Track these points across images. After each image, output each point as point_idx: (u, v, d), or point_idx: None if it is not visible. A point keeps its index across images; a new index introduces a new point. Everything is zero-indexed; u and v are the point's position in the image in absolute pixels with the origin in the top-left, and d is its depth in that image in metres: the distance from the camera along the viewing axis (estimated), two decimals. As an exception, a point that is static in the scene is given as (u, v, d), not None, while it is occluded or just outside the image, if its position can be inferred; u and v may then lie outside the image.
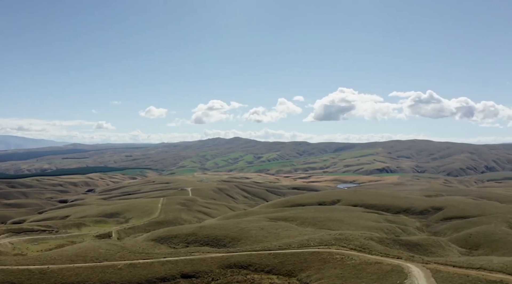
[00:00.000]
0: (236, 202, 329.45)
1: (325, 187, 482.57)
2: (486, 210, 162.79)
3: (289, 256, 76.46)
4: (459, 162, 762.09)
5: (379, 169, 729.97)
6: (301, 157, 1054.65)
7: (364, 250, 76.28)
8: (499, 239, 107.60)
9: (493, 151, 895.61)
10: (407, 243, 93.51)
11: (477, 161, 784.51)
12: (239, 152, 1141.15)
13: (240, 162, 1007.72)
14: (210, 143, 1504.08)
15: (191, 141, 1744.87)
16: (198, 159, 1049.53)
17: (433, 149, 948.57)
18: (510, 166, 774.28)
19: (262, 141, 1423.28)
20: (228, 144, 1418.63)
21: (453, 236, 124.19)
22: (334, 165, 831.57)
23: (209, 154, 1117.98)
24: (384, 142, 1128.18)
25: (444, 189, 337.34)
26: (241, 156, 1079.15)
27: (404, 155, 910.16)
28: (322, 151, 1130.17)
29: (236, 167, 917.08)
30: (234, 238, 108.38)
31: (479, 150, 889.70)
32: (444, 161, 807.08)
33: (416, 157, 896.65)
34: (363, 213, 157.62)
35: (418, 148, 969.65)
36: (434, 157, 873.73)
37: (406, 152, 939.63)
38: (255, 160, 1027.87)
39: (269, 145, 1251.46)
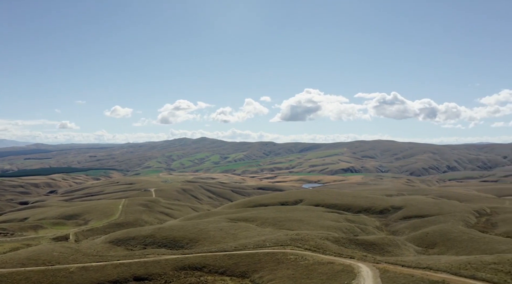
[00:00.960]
0: (200, 202, 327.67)
1: (290, 187, 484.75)
2: (444, 209, 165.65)
3: (244, 257, 75.86)
4: (421, 161, 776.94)
5: (344, 168, 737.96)
6: (267, 157, 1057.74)
7: (318, 250, 76.25)
8: (454, 237, 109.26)
9: (454, 151, 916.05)
10: (363, 242, 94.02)
11: (439, 160, 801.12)
12: (205, 152, 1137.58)
13: (207, 162, 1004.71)
14: (176, 143, 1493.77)
15: (157, 141, 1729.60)
16: (164, 159, 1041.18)
17: (396, 149, 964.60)
18: (471, 165, 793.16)
19: (229, 141, 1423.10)
20: (195, 144, 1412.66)
21: (410, 235, 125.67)
22: (300, 165, 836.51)
23: (175, 154, 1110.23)
24: (349, 142, 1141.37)
25: (406, 188, 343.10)
26: (207, 156, 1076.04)
27: (368, 155, 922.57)
28: (288, 151, 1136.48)
29: (202, 167, 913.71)
30: (192, 239, 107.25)
31: (441, 150, 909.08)
32: (407, 160, 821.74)
33: (380, 157, 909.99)
34: (324, 213, 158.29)
35: (382, 148, 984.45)
36: (398, 157, 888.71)
37: (370, 152, 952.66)
38: (221, 160, 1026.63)
39: (236, 145, 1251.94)
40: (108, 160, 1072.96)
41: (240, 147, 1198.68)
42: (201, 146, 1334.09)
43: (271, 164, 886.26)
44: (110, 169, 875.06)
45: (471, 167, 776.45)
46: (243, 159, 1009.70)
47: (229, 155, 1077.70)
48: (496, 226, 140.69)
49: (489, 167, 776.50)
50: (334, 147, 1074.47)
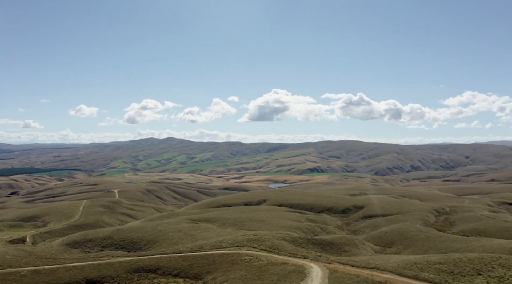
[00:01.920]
0: (165, 203, 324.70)
1: (256, 187, 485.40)
2: (404, 208, 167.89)
3: (199, 258, 75.01)
4: (386, 161, 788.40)
5: (310, 168, 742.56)
6: (235, 157, 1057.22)
7: (274, 250, 76.00)
8: (411, 236, 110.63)
9: (418, 151, 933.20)
10: (321, 242, 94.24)
11: (403, 160, 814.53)
12: (172, 152, 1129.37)
13: (173, 162, 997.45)
14: (143, 143, 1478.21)
15: (123, 141, 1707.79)
16: (129, 159, 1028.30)
17: (362, 149, 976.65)
18: (434, 165, 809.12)
19: (197, 141, 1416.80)
20: (162, 144, 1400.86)
21: (370, 234, 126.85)
22: (267, 165, 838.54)
23: (142, 155, 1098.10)
24: (316, 142, 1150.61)
25: (370, 188, 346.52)
26: (174, 157, 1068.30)
27: (334, 155, 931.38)
28: (255, 151, 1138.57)
29: (169, 168, 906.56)
30: (150, 241, 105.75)
31: (406, 150, 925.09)
32: (373, 160, 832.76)
33: (346, 157, 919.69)
34: (286, 213, 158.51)
35: (348, 148, 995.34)
36: (363, 156, 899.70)
37: (336, 152, 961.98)
38: (188, 160, 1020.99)
39: (203, 145, 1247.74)
40: (73, 160, 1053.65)
41: (208, 147, 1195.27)
42: (168, 146, 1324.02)
43: (238, 164, 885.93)
44: (74, 169, 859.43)
45: (434, 167, 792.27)
46: (211, 159, 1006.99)
47: (196, 155, 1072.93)
48: (454, 224, 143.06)
49: (451, 167, 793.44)
50: (301, 147, 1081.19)
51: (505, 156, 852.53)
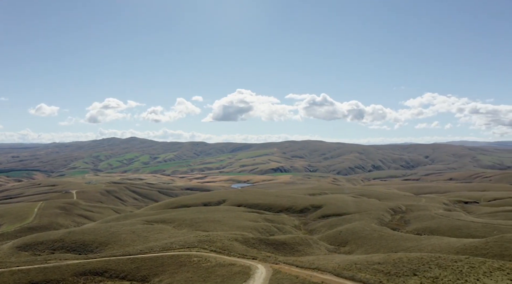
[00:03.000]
0: (124, 204, 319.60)
1: (219, 187, 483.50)
2: (361, 207, 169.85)
3: (148, 260, 73.64)
4: (348, 161, 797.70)
5: (273, 168, 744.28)
6: (198, 157, 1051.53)
7: (224, 251, 75.34)
8: (365, 235, 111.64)
9: (380, 151, 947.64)
10: (274, 242, 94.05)
11: (365, 160, 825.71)
12: (135, 153, 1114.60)
13: (136, 162, 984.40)
14: (104, 143, 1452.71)
15: (85, 141, 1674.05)
16: (91, 159, 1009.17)
17: (325, 149, 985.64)
18: (395, 165, 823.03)
19: (160, 141, 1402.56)
20: (124, 144, 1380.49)
21: (326, 233, 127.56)
22: (231, 165, 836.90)
23: (103, 155, 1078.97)
24: (279, 142, 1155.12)
25: (331, 187, 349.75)
26: (136, 157, 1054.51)
27: (297, 155, 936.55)
28: (219, 151, 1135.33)
29: (131, 168, 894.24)
30: (102, 243, 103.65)
31: (367, 150, 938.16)
32: (335, 160, 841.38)
33: (309, 157, 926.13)
34: (244, 213, 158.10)
35: (311, 148, 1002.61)
36: (326, 156, 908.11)
37: (299, 152, 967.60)
38: (151, 160, 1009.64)
39: (166, 145, 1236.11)
40: (32, 161, 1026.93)
41: (171, 147, 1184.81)
42: (130, 146, 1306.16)
43: (201, 164, 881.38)
44: (33, 169, 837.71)
45: (395, 166, 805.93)
46: (174, 159, 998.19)
47: (159, 155, 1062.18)
48: (409, 223, 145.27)
49: (411, 166, 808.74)
50: (265, 147, 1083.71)
51: (463, 156, 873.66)
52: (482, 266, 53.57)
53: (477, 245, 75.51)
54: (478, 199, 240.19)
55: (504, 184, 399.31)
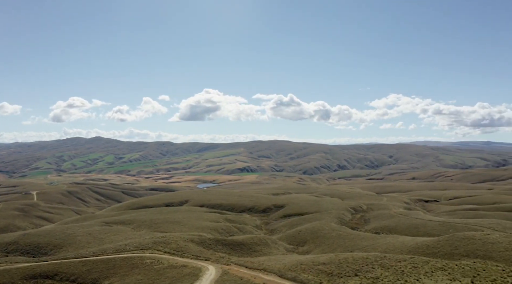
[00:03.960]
0: (87, 205, 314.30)
1: (184, 187, 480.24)
2: (323, 207, 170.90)
3: (99, 263, 72.18)
4: (314, 161, 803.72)
5: (240, 168, 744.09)
6: (164, 157, 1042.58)
7: (178, 253, 74.50)
8: (323, 235, 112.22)
9: (345, 151, 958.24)
10: (232, 243, 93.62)
11: (330, 160, 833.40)
12: (99, 153, 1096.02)
13: (100, 163, 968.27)
14: (68, 143, 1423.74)
15: (48, 141, 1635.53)
16: (54, 160, 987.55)
17: (291, 149, 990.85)
18: (359, 164, 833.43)
19: (125, 141, 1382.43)
20: (89, 143, 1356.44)
21: (286, 233, 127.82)
22: (197, 165, 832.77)
23: (67, 155, 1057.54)
24: (246, 142, 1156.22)
25: (296, 187, 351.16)
26: (101, 157, 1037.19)
27: (264, 155, 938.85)
28: (186, 151, 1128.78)
29: (95, 168, 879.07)
30: (57, 245, 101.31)
31: (333, 150, 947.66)
32: (301, 160, 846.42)
33: (275, 157, 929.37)
34: (205, 213, 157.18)
35: (278, 148, 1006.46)
36: (292, 156, 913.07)
37: (266, 151, 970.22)
38: (116, 160, 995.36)
39: (132, 145, 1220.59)
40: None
41: (136, 147, 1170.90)
42: (95, 145, 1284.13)
43: (167, 164, 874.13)
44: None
45: (360, 166, 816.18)
46: (139, 159, 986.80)
47: (124, 155, 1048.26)
48: (369, 222, 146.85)
49: (376, 166, 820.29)
50: (232, 147, 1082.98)
51: (426, 156, 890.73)
52: (425, 266, 54.30)
53: (429, 244, 76.65)
54: (439, 197, 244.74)
55: (465, 183, 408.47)
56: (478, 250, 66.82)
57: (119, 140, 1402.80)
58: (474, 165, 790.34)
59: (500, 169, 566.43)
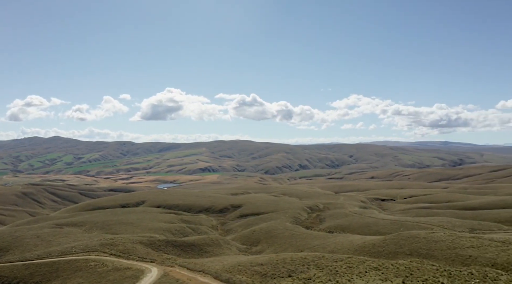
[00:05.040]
0: (42, 207, 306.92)
1: (144, 187, 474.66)
2: (279, 206, 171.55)
3: (43, 266, 70.43)
4: (276, 161, 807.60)
5: (201, 168, 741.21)
6: (125, 157, 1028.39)
7: (124, 255, 73.40)
8: (277, 234, 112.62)
9: (306, 151, 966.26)
10: (182, 244, 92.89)
11: (292, 159, 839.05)
12: (58, 152, 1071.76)
13: (59, 163, 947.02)
14: (26, 143, 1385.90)
15: (5, 140, 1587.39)
16: (10, 160, 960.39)
17: (253, 148, 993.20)
18: (320, 164, 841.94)
19: (85, 141, 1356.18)
20: (47, 143, 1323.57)
21: (241, 233, 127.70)
22: (158, 165, 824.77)
23: (24, 155, 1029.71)
24: (208, 142, 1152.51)
25: (256, 186, 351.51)
26: (59, 157, 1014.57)
27: (226, 155, 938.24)
28: (147, 151, 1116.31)
29: (53, 169, 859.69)
30: (3, 248, 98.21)
31: (294, 150, 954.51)
32: (263, 160, 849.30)
33: (237, 156, 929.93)
34: (161, 214, 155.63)
35: (240, 148, 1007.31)
36: (254, 156, 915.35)
37: (228, 151, 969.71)
38: (75, 160, 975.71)
39: (92, 145, 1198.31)
40: None
41: (96, 147, 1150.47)
42: (53, 145, 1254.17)
43: (128, 164, 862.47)
44: None
45: (321, 165, 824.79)
46: (99, 159, 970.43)
47: (83, 155, 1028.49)
48: (324, 221, 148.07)
49: (336, 165, 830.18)
50: (194, 147, 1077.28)
51: (385, 155, 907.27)
52: (360, 265, 55.06)
53: (376, 243, 77.83)
54: (395, 196, 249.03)
55: (422, 182, 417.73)
56: (421, 249, 68.25)
57: (78, 140, 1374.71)
58: (431, 164, 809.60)
59: (456, 168, 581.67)
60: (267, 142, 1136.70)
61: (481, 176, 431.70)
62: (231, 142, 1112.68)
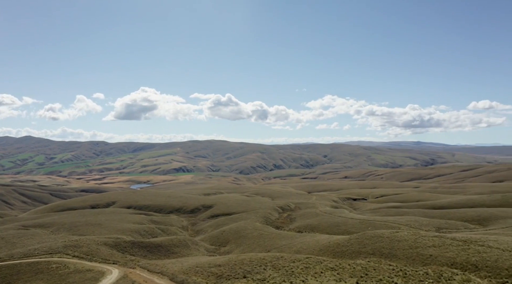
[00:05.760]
0: (11, 208, 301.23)
1: (117, 188, 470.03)
2: (251, 206, 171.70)
3: (4, 268, 68.86)
4: (250, 161, 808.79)
5: (176, 168, 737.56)
6: (98, 157, 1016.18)
7: (87, 256, 72.56)
8: (245, 235, 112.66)
9: (281, 151, 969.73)
10: (149, 245, 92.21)
11: (267, 159, 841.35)
12: (29, 153, 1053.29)
13: (30, 163, 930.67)
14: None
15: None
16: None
17: (228, 148, 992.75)
18: (295, 163, 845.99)
19: (57, 140, 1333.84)
20: (18, 143, 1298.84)
21: (210, 234, 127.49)
22: (132, 165, 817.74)
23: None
24: (182, 142, 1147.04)
25: (229, 186, 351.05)
26: (31, 157, 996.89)
27: (201, 155, 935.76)
28: (120, 151, 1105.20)
29: (24, 169, 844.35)
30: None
31: (269, 150, 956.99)
32: (238, 159, 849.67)
33: (212, 156, 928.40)
34: (130, 215, 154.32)
35: (214, 148, 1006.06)
36: (229, 156, 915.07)
37: (203, 151, 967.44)
38: (47, 161, 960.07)
39: (64, 145, 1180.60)
40: None
41: (69, 147, 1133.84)
42: (25, 145, 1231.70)
43: (101, 165, 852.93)
44: None
45: (295, 165, 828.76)
46: (71, 159, 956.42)
47: (56, 155, 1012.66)
48: (294, 221, 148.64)
49: (311, 165, 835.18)
50: (168, 147, 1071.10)
51: (359, 155, 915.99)
52: (317, 266, 55.43)
53: (340, 242, 78.40)
54: (367, 195, 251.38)
55: (394, 181, 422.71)
56: (384, 248, 68.99)
57: (50, 140, 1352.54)
58: (404, 164, 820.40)
59: (427, 168, 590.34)
60: (242, 142, 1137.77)
61: (451, 176, 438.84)
62: (206, 141, 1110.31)
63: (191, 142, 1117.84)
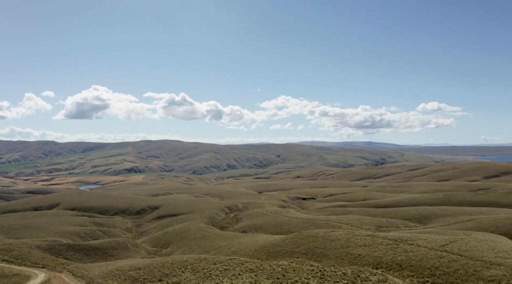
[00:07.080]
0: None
1: (66, 189, 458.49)
2: (197, 207, 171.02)
3: None
4: (204, 161, 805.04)
5: (127, 168, 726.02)
6: (47, 157, 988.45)
7: (17, 260, 70.71)
8: (188, 236, 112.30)
9: (235, 151, 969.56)
10: (85, 248, 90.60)
11: (220, 159, 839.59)
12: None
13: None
14: None
15: None
16: None
17: (182, 148, 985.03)
18: (248, 163, 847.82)
19: (4, 140, 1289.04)
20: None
21: (153, 235, 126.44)
22: (82, 165, 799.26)
23: None
24: (135, 142, 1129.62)
25: (180, 187, 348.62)
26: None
27: (153, 155, 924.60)
28: (70, 151, 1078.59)
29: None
30: None
31: (223, 150, 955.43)
32: (191, 160, 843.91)
33: (165, 157, 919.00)
34: (72, 217, 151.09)
35: (167, 148, 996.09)
36: (182, 156, 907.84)
37: (155, 151, 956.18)
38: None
39: (11, 145, 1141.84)
40: None
41: (16, 147, 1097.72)
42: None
43: (49, 165, 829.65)
44: None
45: (249, 165, 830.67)
46: (19, 160, 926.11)
47: (2, 156, 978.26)
48: (240, 221, 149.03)
49: (264, 165, 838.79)
50: (120, 147, 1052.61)
51: (311, 155, 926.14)
52: (237, 267, 55.92)
53: (276, 242, 79.16)
54: (316, 195, 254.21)
55: (344, 180, 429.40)
56: (317, 248, 70.10)
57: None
58: (355, 163, 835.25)
59: (377, 167, 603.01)
60: (196, 142, 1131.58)
61: (399, 175, 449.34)
62: (159, 141, 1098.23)
63: (144, 142, 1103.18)
